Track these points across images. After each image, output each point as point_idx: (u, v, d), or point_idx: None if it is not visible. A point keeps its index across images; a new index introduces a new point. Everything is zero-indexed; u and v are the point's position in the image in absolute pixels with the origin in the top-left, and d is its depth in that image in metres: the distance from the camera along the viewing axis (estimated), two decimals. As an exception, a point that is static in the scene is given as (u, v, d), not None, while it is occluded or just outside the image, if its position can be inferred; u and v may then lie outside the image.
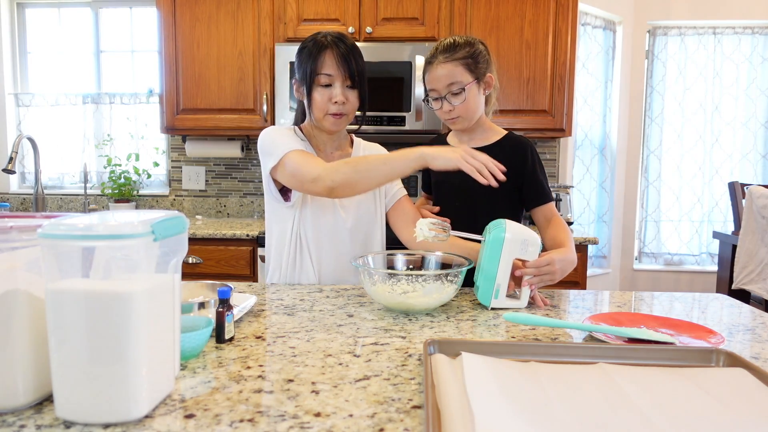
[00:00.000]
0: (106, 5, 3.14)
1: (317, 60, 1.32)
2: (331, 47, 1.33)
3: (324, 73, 1.33)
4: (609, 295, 1.31)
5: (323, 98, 1.34)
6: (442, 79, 1.35)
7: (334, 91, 1.34)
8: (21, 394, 0.63)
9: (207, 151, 2.95)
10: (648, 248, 3.54)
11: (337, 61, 1.33)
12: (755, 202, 2.57)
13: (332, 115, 1.36)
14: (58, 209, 3.15)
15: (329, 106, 1.34)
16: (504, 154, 1.43)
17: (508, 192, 1.44)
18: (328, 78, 1.33)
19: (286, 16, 2.64)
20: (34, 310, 0.64)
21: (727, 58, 3.41)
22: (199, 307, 0.99)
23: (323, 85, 1.34)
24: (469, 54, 1.36)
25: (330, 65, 1.33)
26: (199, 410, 0.65)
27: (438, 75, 1.36)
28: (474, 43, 1.39)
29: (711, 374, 0.72)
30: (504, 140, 1.45)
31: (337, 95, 1.33)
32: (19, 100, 3.18)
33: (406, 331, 0.98)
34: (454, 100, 1.36)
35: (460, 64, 1.35)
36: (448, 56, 1.35)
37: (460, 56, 1.35)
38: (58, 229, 0.59)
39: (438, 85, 1.36)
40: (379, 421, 0.62)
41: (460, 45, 1.37)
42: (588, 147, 3.32)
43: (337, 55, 1.33)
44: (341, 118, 1.37)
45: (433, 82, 1.37)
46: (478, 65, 1.38)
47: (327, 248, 1.43)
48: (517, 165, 1.42)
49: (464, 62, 1.36)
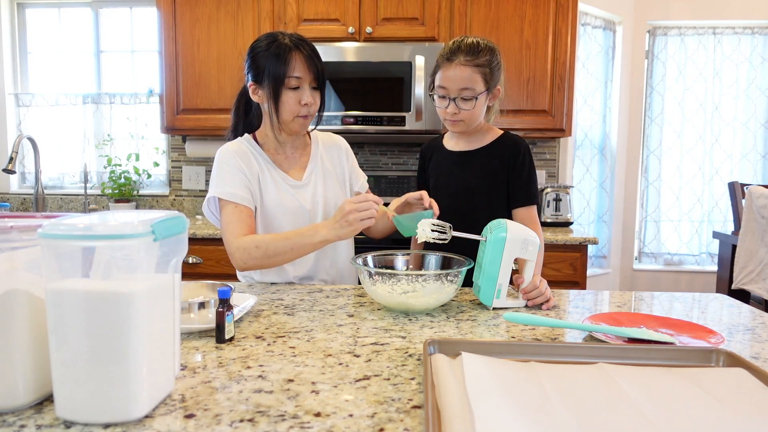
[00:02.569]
0: (106, 5, 3.14)
1: (286, 62, 1.30)
2: (297, 49, 1.31)
3: (294, 76, 1.31)
4: (609, 295, 1.31)
5: (293, 101, 1.33)
6: (457, 81, 1.33)
7: (303, 94, 1.33)
8: (21, 393, 0.63)
9: (207, 151, 2.95)
10: (648, 248, 3.54)
11: (306, 63, 1.32)
12: (755, 202, 2.57)
13: (301, 117, 1.35)
14: (58, 209, 3.15)
15: (299, 109, 1.34)
16: (499, 153, 1.45)
17: (499, 191, 1.45)
18: (297, 80, 1.32)
19: (286, 16, 2.64)
20: (34, 310, 0.64)
21: (727, 58, 3.41)
22: (199, 307, 1.00)
23: (292, 88, 1.32)
24: (488, 63, 1.35)
25: (299, 68, 1.31)
26: (199, 410, 0.65)
27: (455, 76, 1.33)
28: (495, 51, 1.37)
29: (711, 374, 0.72)
30: (499, 140, 1.46)
31: (307, 97, 1.33)
32: (19, 100, 3.18)
33: (406, 331, 0.98)
34: (462, 104, 1.35)
35: (478, 72, 1.34)
36: (470, 60, 1.33)
37: (481, 63, 1.34)
38: (58, 229, 0.59)
39: (451, 85, 1.34)
40: (379, 421, 0.62)
41: (482, 50, 1.34)
42: (588, 147, 3.32)
43: (304, 57, 1.32)
44: (307, 119, 1.37)
45: (447, 80, 1.35)
46: (494, 76, 1.37)
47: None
48: (510, 163, 1.43)
49: (482, 71, 1.34)
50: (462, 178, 1.47)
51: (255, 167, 1.39)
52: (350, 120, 2.54)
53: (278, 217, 1.40)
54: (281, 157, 1.44)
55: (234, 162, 1.37)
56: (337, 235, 1.21)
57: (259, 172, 1.40)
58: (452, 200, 1.45)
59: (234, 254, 1.29)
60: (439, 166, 1.53)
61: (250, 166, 1.39)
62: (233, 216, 1.32)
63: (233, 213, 1.33)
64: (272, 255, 1.26)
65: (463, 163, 1.48)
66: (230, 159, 1.38)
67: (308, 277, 1.45)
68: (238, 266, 1.31)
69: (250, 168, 1.38)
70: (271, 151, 1.44)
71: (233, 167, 1.36)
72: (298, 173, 1.45)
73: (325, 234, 1.22)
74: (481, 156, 1.46)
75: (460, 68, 1.33)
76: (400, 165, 3.04)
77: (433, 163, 1.55)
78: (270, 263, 1.28)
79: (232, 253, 1.30)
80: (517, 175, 1.43)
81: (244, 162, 1.38)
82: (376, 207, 1.20)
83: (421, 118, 2.52)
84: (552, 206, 2.75)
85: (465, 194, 1.45)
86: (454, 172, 1.48)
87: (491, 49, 1.37)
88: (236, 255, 1.29)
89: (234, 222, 1.32)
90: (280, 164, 1.44)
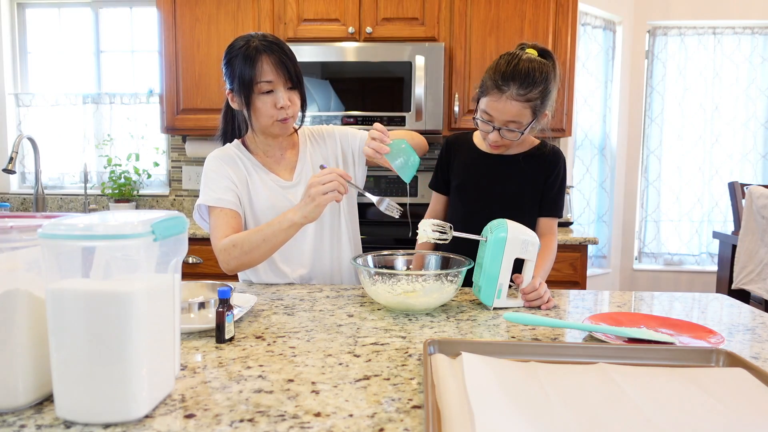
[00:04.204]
0: (106, 5, 3.14)
1: (254, 67, 1.26)
2: (265, 52, 1.27)
3: (264, 81, 1.27)
4: (609, 295, 1.31)
5: (267, 105, 1.29)
6: (505, 114, 1.26)
7: (277, 96, 1.29)
8: (21, 393, 0.63)
9: (207, 151, 2.95)
10: (648, 248, 3.54)
11: (275, 66, 1.27)
12: (755, 202, 2.57)
13: (279, 121, 1.32)
14: (58, 209, 3.15)
15: (276, 113, 1.30)
16: (539, 162, 1.42)
17: (533, 200, 1.43)
18: (269, 84, 1.28)
19: (286, 16, 2.64)
20: (34, 310, 0.64)
21: (727, 58, 3.41)
22: (199, 307, 1.00)
23: (265, 92, 1.29)
24: (541, 95, 1.26)
25: (268, 71, 1.27)
26: (199, 410, 0.65)
27: (503, 109, 1.26)
28: (550, 78, 1.26)
29: (711, 374, 0.72)
30: (539, 149, 1.43)
31: (281, 100, 1.29)
32: (19, 100, 3.18)
33: (406, 331, 0.98)
34: (507, 135, 1.30)
35: (529, 107, 1.26)
36: (523, 94, 1.24)
37: (533, 97, 1.25)
38: (58, 229, 0.59)
39: (498, 116, 1.27)
40: (379, 421, 0.62)
41: (537, 81, 1.24)
42: (588, 147, 3.32)
43: (273, 60, 1.27)
44: (287, 122, 1.33)
45: (494, 111, 1.27)
46: (543, 106, 1.29)
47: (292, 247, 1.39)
48: (547, 174, 1.41)
49: (533, 105, 1.26)
50: (499, 183, 1.42)
51: (242, 171, 1.39)
52: (350, 120, 2.54)
53: (271, 219, 1.39)
54: (270, 160, 1.43)
55: (218, 168, 1.37)
56: (303, 215, 1.19)
57: (247, 176, 1.39)
58: (483, 204, 1.41)
59: (219, 257, 1.30)
60: (469, 167, 1.46)
61: (237, 170, 1.38)
62: (218, 220, 1.33)
63: (218, 217, 1.33)
64: (248, 251, 1.25)
65: (500, 168, 1.42)
66: (215, 165, 1.38)
67: (308, 278, 1.44)
68: (224, 268, 1.30)
69: (237, 173, 1.38)
70: (260, 155, 1.43)
71: (217, 173, 1.37)
72: (287, 173, 1.44)
73: (291, 217, 1.21)
74: (520, 163, 1.41)
75: (511, 102, 1.24)
76: (400, 165, 3.03)
77: (460, 161, 1.47)
78: (249, 259, 1.27)
79: (217, 256, 1.30)
80: (551, 186, 1.42)
81: (230, 167, 1.38)
82: (342, 180, 1.17)
83: (421, 118, 2.52)
84: (552, 206, 2.74)
85: (501, 200, 1.42)
86: (488, 176, 1.43)
87: (546, 77, 1.25)
88: (220, 257, 1.29)
89: (219, 226, 1.32)
90: (269, 167, 1.42)
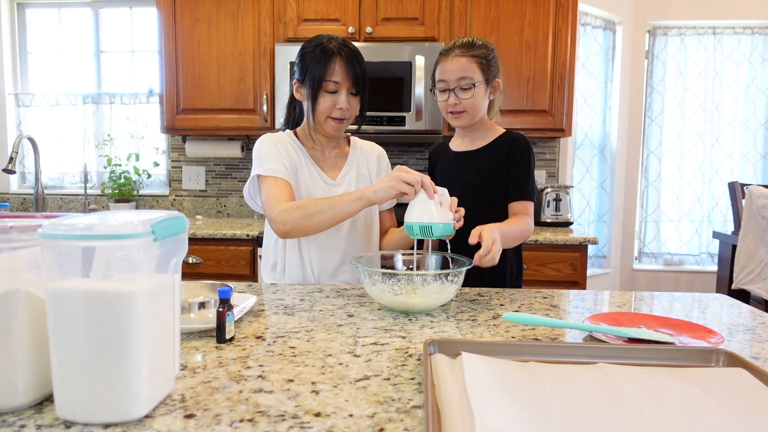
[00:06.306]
0: (106, 5, 3.14)
1: (326, 67, 1.35)
2: (339, 54, 1.35)
3: (332, 80, 1.36)
4: (609, 295, 1.31)
5: (328, 104, 1.38)
6: (454, 72, 1.38)
7: (339, 98, 1.37)
8: (21, 393, 0.63)
9: (207, 151, 2.95)
10: (648, 248, 3.54)
11: (345, 69, 1.36)
12: (755, 202, 2.57)
13: (334, 120, 1.39)
14: (58, 209, 3.15)
15: (333, 111, 1.38)
16: (500, 150, 1.47)
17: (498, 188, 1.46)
18: (335, 85, 1.36)
19: (286, 16, 2.64)
20: (34, 310, 0.64)
21: (727, 58, 3.41)
22: (199, 307, 1.00)
23: (329, 92, 1.37)
24: (484, 55, 1.40)
25: (338, 73, 1.36)
26: (199, 410, 0.65)
27: (451, 67, 1.39)
28: (490, 47, 1.43)
29: (711, 374, 0.72)
30: (500, 138, 1.48)
31: (342, 102, 1.37)
32: (19, 100, 3.18)
33: (406, 331, 0.98)
34: (462, 94, 1.39)
35: (474, 62, 1.39)
36: (465, 51, 1.39)
37: (476, 54, 1.39)
38: (58, 229, 0.59)
39: (449, 76, 1.39)
40: (379, 421, 0.62)
41: (477, 45, 1.41)
42: (588, 147, 3.32)
43: (344, 63, 1.36)
44: (342, 123, 1.41)
45: (445, 73, 1.40)
46: (490, 68, 1.42)
47: (323, 246, 1.45)
48: (510, 159, 1.45)
49: (479, 61, 1.39)
50: (463, 176, 1.49)
51: (293, 156, 1.44)
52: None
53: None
54: (319, 154, 1.48)
55: (273, 146, 1.42)
56: (374, 190, 1.20)
57: (297, 162, 1.44)
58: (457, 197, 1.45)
59: (276, 219, 1.30)
60: (445, 167, 1.56)
61: (289, 153, 1.43)
62: (273, 187, 1.35)
63: (273, 185, 1.35)
64: (311, 214, 1.26)
65: (465, 162, 1.50)
66: (269, 142, 1.42)
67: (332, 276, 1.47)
68: (278, 229, 1.31)
69: (289, 155, 1.42)
70: (310, 147, 1.48)
71: (272, 149, 1.41)
72: (333, 173, 1.48)
73: (362, 190, 1.23)
74: (482, 154, 1.48)
75: (456, 59, 1.39)
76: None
77: (440, 166, 1.58)
78: (309, 223, 1.27)
79: (273, 219, 1.31)
80: (514, 170, 1.44)
81: (282, 148, 1.42)
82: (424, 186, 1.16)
83: (421, 118, 2.52)
84: (552, 206, 2.75)
85: (465, 192, 1.44)
86: (456, 172, 1.51)
87: (486, 45, 1.42)
88: (278, 218, 1.29)
89: (275, 192, 1.34)
90: (317, 160, 1.47)
